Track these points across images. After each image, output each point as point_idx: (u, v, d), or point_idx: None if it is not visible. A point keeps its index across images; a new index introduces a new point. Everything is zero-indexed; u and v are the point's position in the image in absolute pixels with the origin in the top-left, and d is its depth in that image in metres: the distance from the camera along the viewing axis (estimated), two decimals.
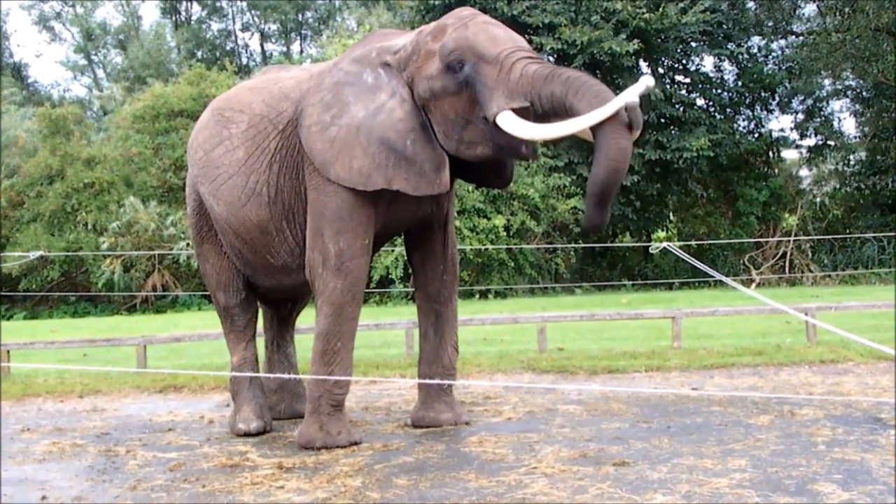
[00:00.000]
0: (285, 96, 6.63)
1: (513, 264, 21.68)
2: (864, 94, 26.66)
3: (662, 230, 26.79)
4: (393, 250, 19.71)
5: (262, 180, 6.56)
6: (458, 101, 5.94)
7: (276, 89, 6.75)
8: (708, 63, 26.88)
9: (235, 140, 6.71)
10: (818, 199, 26.93)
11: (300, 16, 42.06)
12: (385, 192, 6.24)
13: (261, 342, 7.65)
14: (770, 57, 27.18)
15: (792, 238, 23.59)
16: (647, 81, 5.46)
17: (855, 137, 27.54)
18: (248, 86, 7.10)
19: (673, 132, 23.68)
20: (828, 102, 27.33)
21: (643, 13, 22.60)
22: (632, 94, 5.39)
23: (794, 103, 27.11)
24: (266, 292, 7.34)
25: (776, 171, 27.02)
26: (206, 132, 6.99)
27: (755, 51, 26.96)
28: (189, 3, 42.96)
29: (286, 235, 6.65)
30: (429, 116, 6.11)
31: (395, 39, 6.45)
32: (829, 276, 22.77)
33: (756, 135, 26.61)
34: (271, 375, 7.47)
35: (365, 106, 6.20)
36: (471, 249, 20.26)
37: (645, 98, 18.73)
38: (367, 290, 7.55)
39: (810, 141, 27.00)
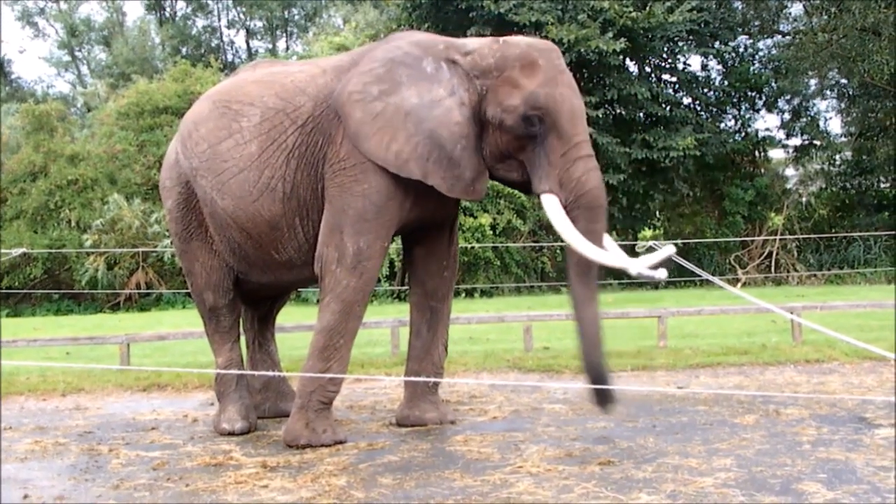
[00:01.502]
0: (301, 91, 6.55)
1: (499, 263, 21.68)
2: (850, 93, 26.73)
3: (649, 229, 26.80)
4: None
5: (278, 176, 6.48)
6: (515, 143, 6.12)
7: (288, 83, 6.65)
8: (695, 62, 27.00)
9: (247, 134, 6.60)
10: (804, 199, 27.00)
11: (286, 13, 41.94)
12: (412, 194, 6.28)
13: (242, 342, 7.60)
14: (757, 56, 27.23)
15: (778, 237, 23.65)
16: (669, 251, 5.93)
17: (841, 137, 27.62)
18: (251, 79, 6.92)
19: (659, 131, 23.67)
20: (814, 102, 27.41)
21: (630, 12, 22.59)
22: (644, 262, 5.88)
23: (781, 103, 27.16)
24: (256, 289, 7.27)
25: (762, 170, 27.06)
26: (209, 125, 6.80)
27: (742, 50, 27.00)
28: (174, 0, 42.81)
29: (297, 232, 6.59)
30: (482, 130, 6.18)
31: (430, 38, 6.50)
32: (815, 275, 22.84)
33: (742, 134, 26.65)
34: (258, 373, 7.43)
35: (419, 94, 6.18)
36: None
37: (632, 97, 18.67)
38: None
39: (796, 140, 27.08)
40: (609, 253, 5.98)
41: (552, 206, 6.00)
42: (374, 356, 10.45)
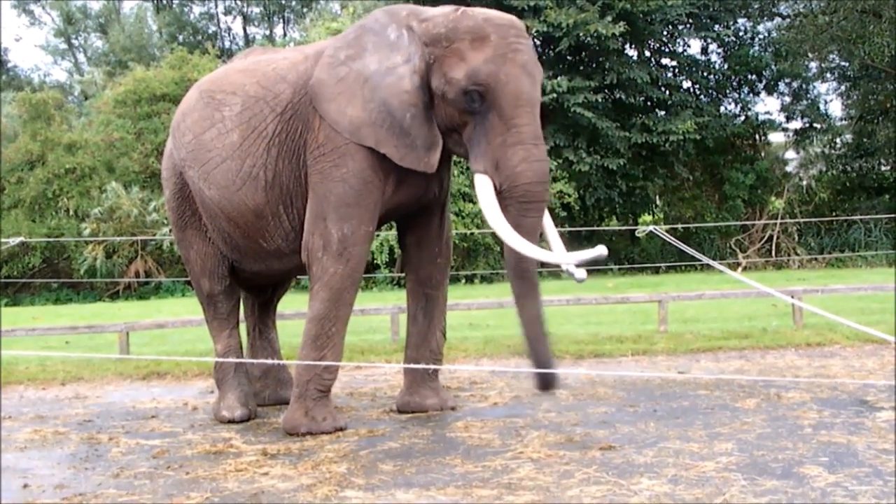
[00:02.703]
0: (282, 78, 6.52)
1: (499, 249, 21.59)
2: (850, 76, 26.65)
3: (649, 214, 26.78)
4: (378, 234, 19.63)
5: (259, 164, 6.46)
6: (458, 117, 6.01)
7: (269, 70, 6.63)
8: (694, 46, 26.87)
9: (229, 123, 6.59)
10: (805, 183, 26.95)
11: None
12: (392, 176, 6.24)
13: (242, 329, 7.58)
14: (756, 39, 27.16)
15: (778, 221, 23.61)
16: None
17: (841, 120, 27.56)
18: (238, 68, 6.93)
19: (659, 115, 23.66)
20: (814, 85, 27.33)
21: None
22: (571, 258, 5.75)
23: (781, 86, 27.09)
24: (251, 277, 7.24)
25: (763, 154, 27.04)
26: (194, 115, 6.83)
27: (742, 33, 26.94)
28: None
29: (282, 220, 6.57)
30: (432, 100, 6.09)
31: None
32: (816, 259, 22.82)
33: (742, 118, 26.63)
34: (256, 361, 7.41)
35: (379, 60, 6.14)
36: (456, 234, 20.20)
37: (632, 81, 18.61)
38: None
39: (797, 124, 27.02)
40: (534, 246, 5.82)
41: (483, 189, 5.91)
42: (373, 343, 10.43)
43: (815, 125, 26.54)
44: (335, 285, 6.21)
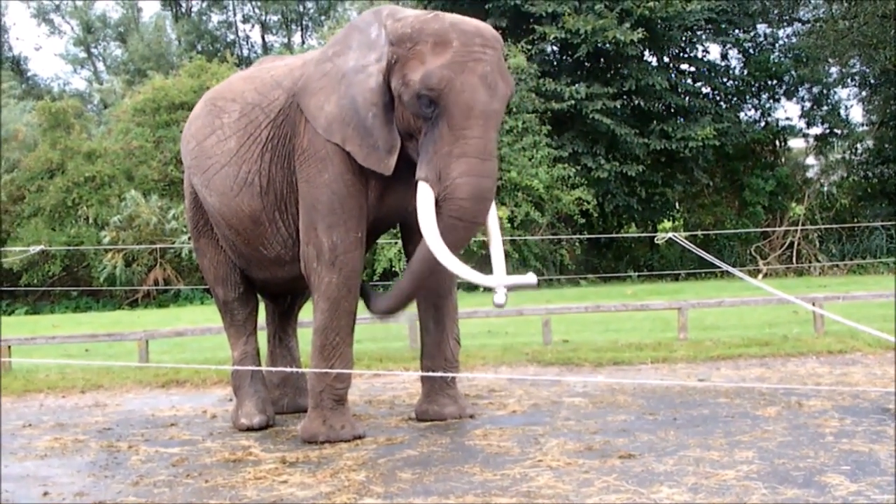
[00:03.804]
0: (277, 84, 6.57)
1: (517, 256, 21.60)
2: (871, 81, 26.48)
3: (668, 220, 26.67)
4: (396, 242, 19.60)
5: (254, 170, 6.50)
6: (413, 122, 5.90)
7: (267, 77, 6.70)
8: (713, 51, 26.75)
9: (227, 130, 6.65)
10: (825, 189, 26.77)
11: (301, 6, 41.89)
12: (375, 181, 6.23)
13: (262, 336, 7.58)
14: (776, 45, 26.99)
15: (799, 228, 23.47)
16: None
17: (862, 126, 27.38)
18: (242, 75, 7.05)
19: (678, 121, 23.56)
20: (835, 90, 27.14)
21: (648, 2, 22.45)
22: (500, 280, 5.78)
23: (801, 91, 26.92)
24: (262, 285, 7.27)
25: (783, 160, 26.87)
26: (198, 122, 6.94)
27: (761, 39, 26.79)
28: None
29: (279, 226, 6.59)
30: (392, 101, 6.00)
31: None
32: (837, 265, 22.65)
33: (762, 124, 26.48)
34: (273, 369, 7.41)
35: (357, 58, 6.10)
36: (474, 241, 20.13)
37: (650, 87, 18.70)
38: (371, 283, 7.48)
39: (817, 129, 26.82)
40: (460, 264, 5.71)
41: (423, 197, 5.76)
42: (392, 350, 10.42)
43: (835, 131, 26.36)
44: (332, 295, 6.22)
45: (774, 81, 26.42)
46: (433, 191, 5.74)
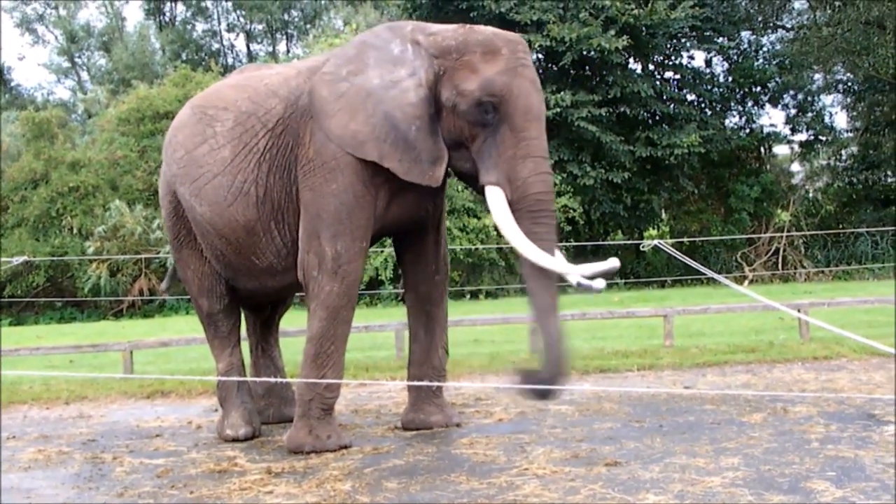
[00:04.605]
0: (273, 93, 6.52)
1: (504, 264, 21.62)
2: (855, 88, 26.62)
3: (654, 227, 26.73)
4: (382, 251, 19.61)
5: (250, 179, 6.44)
6: (468, 130, 6.00)
7: (261, 86, 6.63)
8: (698, 58, 26.96)
9: (221, 139, 6.58)
10: (811, 195, 26.91)
11: (286, 15, 41.89)
12: (384, 190, 6.22)
13: (244, 346, 7.56)
14: (760, 52, 27.15)
15: (784, 234, 23.56)
16: (612, 263, 5.92)
17: (847, 132, 27.53)
18: (230, 83, 6.97)
19: (663, 129, 23.61)
20: (819, 97, 27.29)
21: (632, 9, 22.55)
22: (581, 270, 5.86)
23: (786, 98, 27.05)
24: (247, 295, 7.21)
25: (768, 166, 26.98)
26: (186, 131, 6.82)
27: (745, 46, 26.93)
28: (173, 4, 42.75)
29: (274, 236, 6.54)
30: (439, 112, 6.06)
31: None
32: (823, 271, 22.75)
33: (747, 130, 26.59)
34: (259, 380, 7.38)
35: (381, 75, 6.12)
36: (461, 249, 20.17)
37: (636, 94, 18.66)
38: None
39: (802, 136, 26.94)
40: (549, 256, 5.81)
41: (496, 200, 5.89)
42: (378, 360, 10.40)
43: (820, 137, 26.47)
44: (332, 304, 6.19)
45: (759, 88, 26.54)
46: (505, 192, 5.86)
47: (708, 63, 26.97)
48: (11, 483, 5.82)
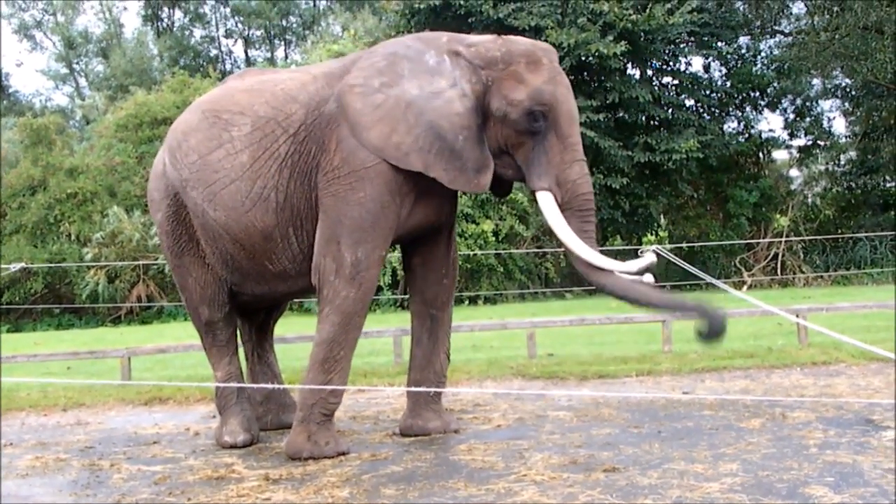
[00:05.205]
0: (292, 98, 6.46)
1: (502, 269, 21.63)
2: (853, 93, 26.65)
3: (652, 233, 26.73)
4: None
5: (270, 185, 6.39)
6: (515, 138, 6.19)
7: (278, 91, 6.56)
8: (696, 64, 26.90)
9: (238, 143, 6.49)
10: (809, 200, 26.94)
11: (284, 21, 41.97)
12: (408, 200, 6.28)
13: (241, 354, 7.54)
14: (759, 57, 27.17)
15: (783, 239, 23.58)
16: (651, 257, 6.29)
17: (845, 137, 27.55)
18: (241, 88, 6.80)
19: (662, 134, 23.64)
20: (817, 102, 27.32)
21: (630, 14, 22.57)
22: (628, 266, 6.14)
23: (784, 103, 27.10)
24: (250, 300, 7.15)
25: (766, 171, 27.01)
26: (199, 135, 6.68)
27: (743, 51, 26.95)
28: (171, 10, 42.81)
29: (291, 242, 6.51)
30: (485, 122, 6.20)
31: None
32: (822, 276, 22.76)
33: (746, 135, 26.62)
34: (259, 386, 7.36)
35: (420, 85, 6.15)
36: (460, 255, 20.14)
37: (634, 100, 18.71)
38: None
39: (800, 141, 27.04)
40: (599, 254, 6.10)
41: (548, 204, 6.12)
42: (376, 365, 10.39)
43: (818, 142, 26.54)
44: (346, 309, 6.18)
45: (757, 93, 26.59)
46: (556, 196, 6.12)
47: (706, 68, 27.03)
48: (9, 490, 5.80)
